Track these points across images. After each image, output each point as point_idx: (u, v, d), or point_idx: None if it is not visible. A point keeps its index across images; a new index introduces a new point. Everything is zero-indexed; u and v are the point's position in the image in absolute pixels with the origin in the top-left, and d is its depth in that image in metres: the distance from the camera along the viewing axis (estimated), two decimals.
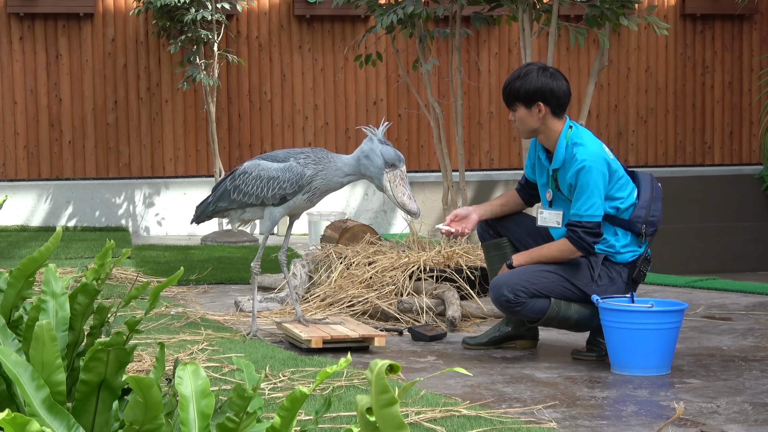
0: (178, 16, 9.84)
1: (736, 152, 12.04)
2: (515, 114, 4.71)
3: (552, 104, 4.63)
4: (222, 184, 5.20)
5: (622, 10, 6.56)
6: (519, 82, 4.66)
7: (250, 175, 5.08)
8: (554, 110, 4.64)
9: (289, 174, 4.98)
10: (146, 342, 4.78)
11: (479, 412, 3.69)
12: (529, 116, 4.67)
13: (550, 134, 4.67)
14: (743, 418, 3.71)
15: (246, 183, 5.08)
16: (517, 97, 4.66)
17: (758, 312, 5.92)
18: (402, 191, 4.79)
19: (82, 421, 2.22)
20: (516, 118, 4.71)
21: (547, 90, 4.62)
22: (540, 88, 4.62)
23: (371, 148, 4.81)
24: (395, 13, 6.74)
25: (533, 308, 4.61)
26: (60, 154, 10.58)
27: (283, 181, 4.99)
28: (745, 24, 11.96)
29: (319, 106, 11.03)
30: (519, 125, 4.73)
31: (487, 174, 11.23)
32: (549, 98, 4.62)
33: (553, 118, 4.65)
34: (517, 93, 4.66)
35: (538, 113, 4.64)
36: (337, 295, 5.80)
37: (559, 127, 4.65)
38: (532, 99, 4.64)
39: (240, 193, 5.09)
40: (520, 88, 4.65)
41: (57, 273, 2.58)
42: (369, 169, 4.83)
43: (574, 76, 11.53)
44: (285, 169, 5.00)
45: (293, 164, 4.99)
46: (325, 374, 2.03)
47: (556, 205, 4.74)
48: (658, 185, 4.76)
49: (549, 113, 4.64)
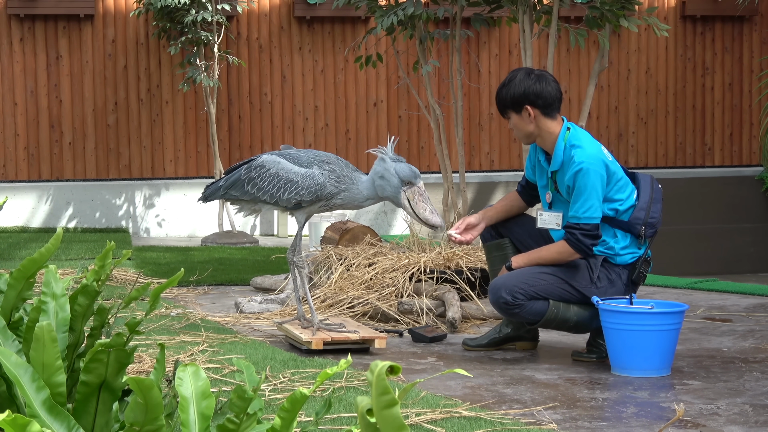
0: (179, 17, 9.85)
1: (737, 154, 12.04)
2: (510, 121, 4.75)
3: (540, 106, 4.65)
4: (236, 172, 4.98)
5: (622, 11, 6.56)
6: (505, 89, 4.71)
7: (267, 170, 4.88)
8: (544, 111, 4.66)
9: (309, 182, 4.79)
10: (146, 343, 4.78)
11: (479, 413, 3.69)
12: (521, 121, 4.69)
13: (547, 136, 4.68)
14: (743, 419, 3.71)
15: (262, 178, 4.88)
16: (506, 105, 4.71)
17: (758, 313, 5.92)
18: (423, 207, 4.67)
19: (83, 422, 2.22)
20: (512, 126, 4.76)
21: (531, 93, 4.65)
22: (524, 91, 4.66)
23: (385, 168, 4.68)
24: (395, 15, 6.75)
25: (531, 310, 4.61)
26: (60, 155, 10.59)
27: (301, 188, 4.80)
28: (745, 25, 11.97)
29: (319, 107, 11.04)
30: (516, 132, 4.77)
31: (487, 175, 11.23)
32: (535, 100, 4.65)
33: (546, 119, 4.66)
34: (504, 100, 4.71)
35: (528, 117, 4.66)
36: (337, 296, 5.80)
37: (554, 128, 4.66)
38: (519, 104, 4.67)
39: (254, 187, 4.89)
40: (506, 95, 4.70)
41: (57, 274, 2.58)
42: (386, 190, 4.68)
43: (575, 77, 11.53)
44: (306, 176, 4.80)
45: (316, 173, 4.79)
46: (325, 375, 2.03)
47: (555, 207, 4.74)
48: (658, 187, 4.76)
49: (540, 115, 4.66)
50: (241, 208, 5.12)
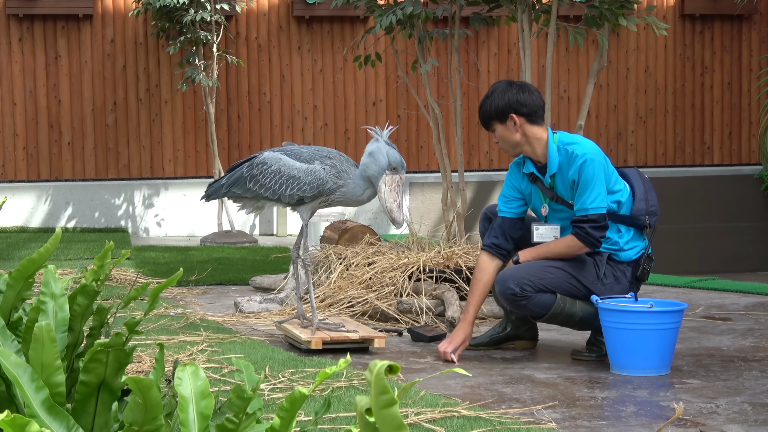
0: (177, 17, 9.84)
1: (736, 152, 12.04)
2: (495, 134, 4.74)
3: (525, 114, 4.66)
4: (239, 169, 4.98)
5: (621, 10, 6.56)
6: (488, 101, 4.71)
7: (269, 167, 4.88)
8: (529, 119, 4.66)
9: (311, 177, 4.80)
10: (146, 343, 4.78)
11: (479, 412, 3.69)
12: (507, 131, 4.69)
13: (536, 142, 4.68)
14: (743, 418, 3.71)
15: (264, 175, 4.88)
16: (491, 116, 4.71)
17: (758, 312, 5.92)
18: (394, 198, 4.71)
19: (82, 422, 2.22)
20: (498, 138, 4.74)
21: (515, 101, 4.66)
22: (508, 101, 4.67)
23: (378, 147, 4.73)
24: (394, 14, 6.74)
25: (539, 303, 4.61)
26: (59, 155, 10.58)
27: (303, 183, 4.81)
28: (744, 24, 11.97)
29: (318, 107, 11.03)
30: (502, 144, 4.76)
31: (486, 174, 11.23)
32: (519, 108, 4.66)
33: (532, 126, 4.67)
34: (489, 111, 4.71)
35: (514, 125, 4.67)
36: (336, 295, 5.80)
37: (542, 134, 4.68)
38: (504, 113, 4.67)
39: (256, 184, 4.89)
40: (489, 106, 4.70)
41: (56, 274, 2.58)
42: (370, 168, 4.73)
43: (573, 76, 11.53)
44: (308, 171, 4.81)
45: (318, 168, 4.80)
46: (324, 375, 2.03)
47: (551, 219, 4.77)
48: (645, 177, 4.84)
49: (525, 122, 4.66)
50: (244, 206, 5.12)
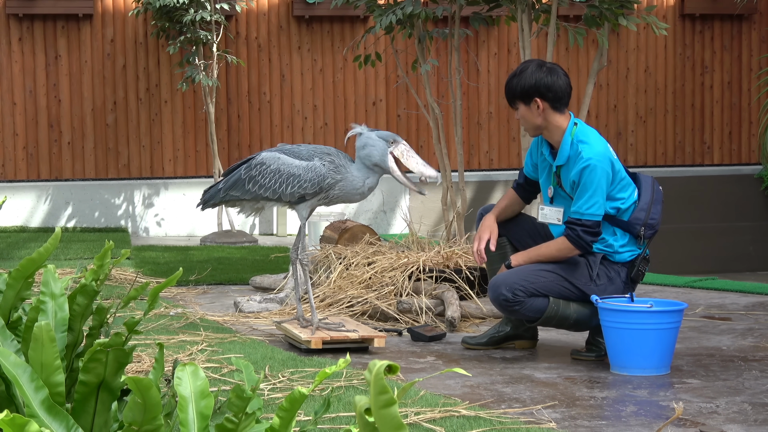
0: (177, 16, 9.84)
1: (735, 152, 12.04)
2: (518, 112, 4.73)
3: (549, 99, 4.63)
4: (236, 172, 4.95)
5: (621, 10, 6.56)
6: (516, 80, 4.68)
7: (268, 167, 4.86)
8: (553, 105, 4.64)
9: (311, 174, 4.79)
10: (145, 343, 4.78)
11: (478, 412, 3.69)
12: (529, 113, 4.68)
13: (554, 130, 4.67)
14: (743, 418, 3.71)
15: (263, 175, 4.86)
16: (515, 95, 4.69)
17: (757, 312, 5.92)
18: (416, 160, 4.69)
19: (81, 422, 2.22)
20: (519, 116, 4.73)
21: (542, 85, 4.63)
22: (535, 83, 4.63)
23: (367, 136, 4.73)
24: (394, 14, 6.74)
25: (532, 307, 4.61)
26: (59, 154, 10.58)
27: (304, 180, 4.80)
28: (744, 24, 11.96)
29: (318, 106, 11.03)
30: (523, 123, 4.75)
31: (486, 174, 11.23)
32: (545, 93, 4.63)
33: (554, 113, 4.65)
34: (514, 91, 4.69)
35: (537, 109, 4.65)
36: (336, 295, 5.80)
37: (562, 122, 4.65)
38: (528, 96, 4.65)
39: (256, 185, 4.87)
40: (516, 85, 4.68)
41: (56, 274, 2.58)
42: (373, 156, 4.69)
43: (573, 76, 11.52)
44: (308, 168, 4.80)
45: (317, 164, 4.80)
46: (324, 375, 2.03)
47: (557, 202, 4.74)
48: (659, 188, 4.76)
49: (549, 108, 4.64)
50: (242, 209, 5.08)
